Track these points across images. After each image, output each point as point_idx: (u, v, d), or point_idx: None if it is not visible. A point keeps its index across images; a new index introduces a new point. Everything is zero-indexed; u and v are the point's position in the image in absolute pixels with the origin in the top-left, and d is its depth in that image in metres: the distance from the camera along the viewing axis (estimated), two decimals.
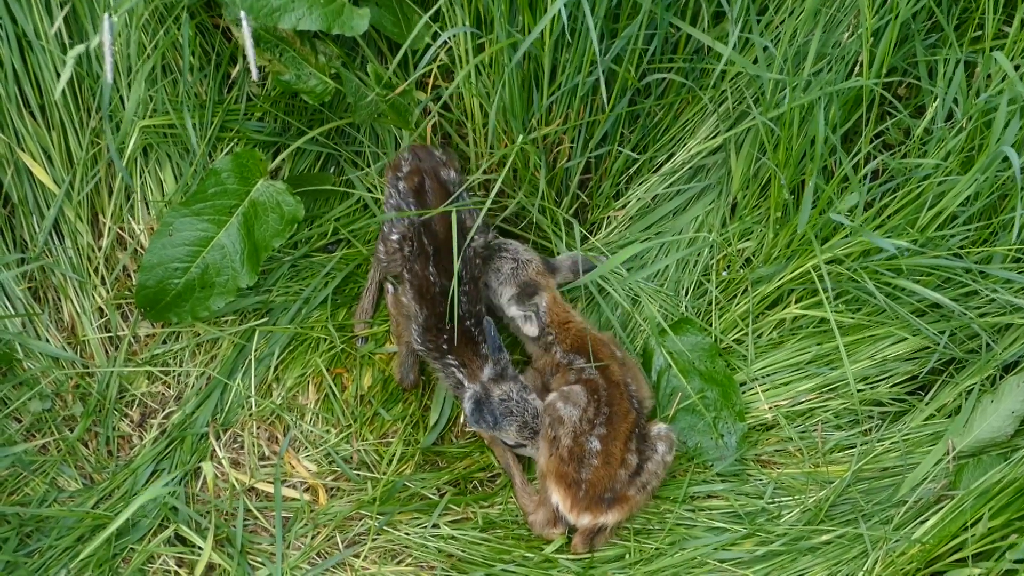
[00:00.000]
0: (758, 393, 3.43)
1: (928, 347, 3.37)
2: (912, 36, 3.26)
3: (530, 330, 3.26)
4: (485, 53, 3.04)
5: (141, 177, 3.38)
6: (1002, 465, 3.12)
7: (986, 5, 3.15)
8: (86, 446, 3.31)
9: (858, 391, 3.40)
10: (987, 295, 3.23)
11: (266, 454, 3.35)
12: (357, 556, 3.23)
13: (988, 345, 3.26)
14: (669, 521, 3.29)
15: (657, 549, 3.26)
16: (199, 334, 3.41)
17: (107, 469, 3.27)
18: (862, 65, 3.13)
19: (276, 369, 3.43)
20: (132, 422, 3.36)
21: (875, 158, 3.35)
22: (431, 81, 3.34)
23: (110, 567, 3.10)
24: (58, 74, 3.22)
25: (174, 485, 3.22)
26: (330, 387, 3.41)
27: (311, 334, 3.45)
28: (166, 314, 3.27)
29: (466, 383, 3.12)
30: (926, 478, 3.25)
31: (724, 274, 3.51)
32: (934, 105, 3.25)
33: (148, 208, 3.39)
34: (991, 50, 3.15)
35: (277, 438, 3.37)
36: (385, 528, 3.26)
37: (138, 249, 3.40)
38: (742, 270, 3.48)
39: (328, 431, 3.39)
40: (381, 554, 3.25)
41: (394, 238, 3.17)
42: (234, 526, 3.18)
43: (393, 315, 3.32)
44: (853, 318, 3.36)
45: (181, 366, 3.41)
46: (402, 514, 3.29)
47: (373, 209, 3.54)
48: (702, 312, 3.51)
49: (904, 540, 3.06)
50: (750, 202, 3.47)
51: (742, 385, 3.43)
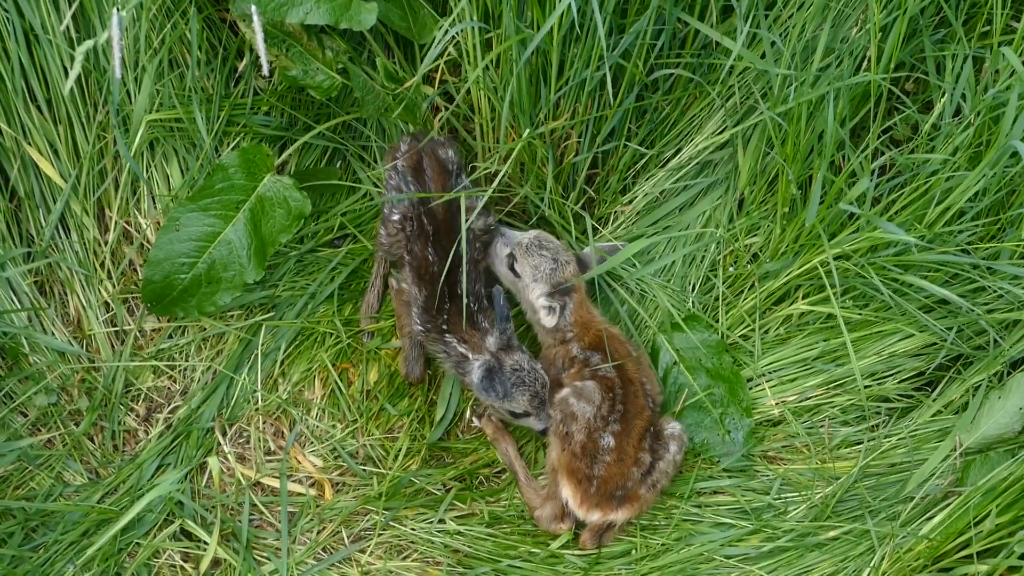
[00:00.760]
0: (765, 389, 3.42)
1: (935, 343, 3.36)
2: (920, 31, 3.26)
3: (548, 321, 3.23)
4: (495, 51, 3.02)
5: (148, 171, 3.37)
6: (1009, 462, 3.11)
7: (994, 0, 3.14)
8: (92, 440, 3.31)
9: (865, 387, 3.39)
10: (995, 291, 3.23)
11: (272, 449, 3.35)
12: (363, 551, 3.23)
13: (996, 341, 3.25)
14: (675, 517, 3.29)
15: (663, 545, 3.26)
16: (205, 329, 3.41)
17: (113, 463, 3.27)
18: (870, 60, 3.13)
19: (282, 364, 3.42)
20: (138, 416, 3.35)
21: (883, 154, 3.35)
22: (438, 76, 3.33)
23: (115, 562, 3.10)
24: (65, 68, 3.22)
25: (180, 480, 3.22)
26: (336, 382, 3.41)
27: (317, 329, 3.45)
28: (172, 309, 3.26)
29: (471, 355, 3.11)
30: (933, 474, 3.24)
31: (731, 269, 3.50)
32: (942, 100, 3.24)
33: (155, 202, 3.39)
34: (999, 45, 3.14)
35: (283, 433, 3.37)
36: (391, 523, 3.26)
37: (144, 243, 3.39)
38: (749, 266, 3.47)
39: (334, 426, 3.39)
40: (387, 549, 3.24)
41: (395, 218, 3.18)
42: (240, 521, 3.18)
43: (396, 307, 3.32)
44: (860, 314, 3.35)
45: (187, 360, 3.40)
46: (408, 509, 3.29)
47: (380, 204, 3.53)
48: (709, 308, 3.50)
49: (911, 536, 3.05)
50: (757, 197, 3.46)
51: (749, 381, 3.42)
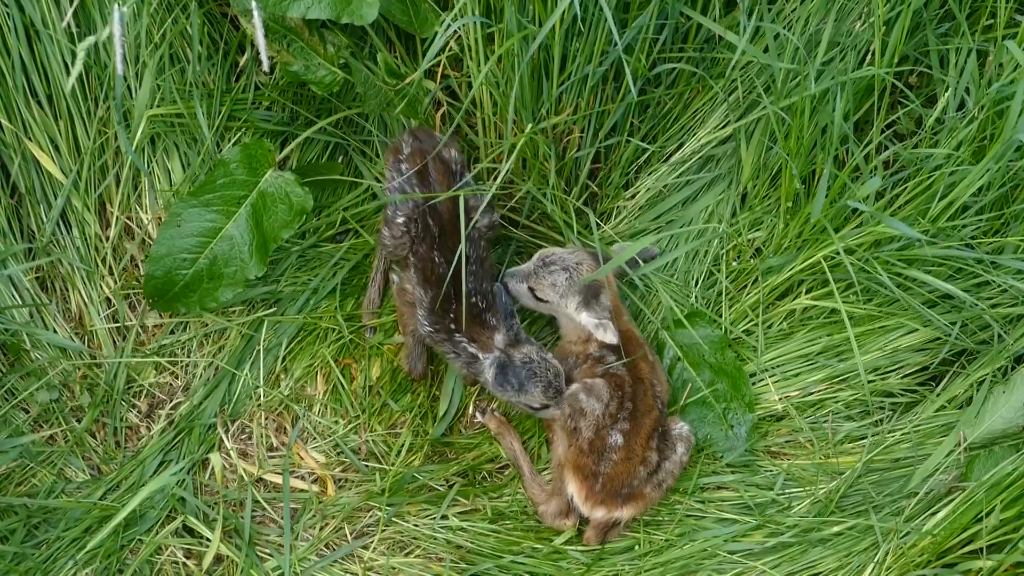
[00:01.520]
0: (768, 384, 3.41)
1: (939, 338, 3.35)
2: (924, 25, 3.24)
3: (610, 338, 3.17)
4: (501, 49, 3.00)
5: (149, 167, 3.36)
6: (1014, 457, 3.10)
7: None
8: (94, 437, 3.30)
9: (869, 382, 3.38)
10: (999, 286, 3.23)
11: (274, 445, 3.34)
12: (366, 548, 3.23)
13: (1000, 336, 3.24)
14: (679, 512, 3.28)
15: (667, 540, 3.25)
16: (207, 324, 3.40)
17: (115, 460, 3.26)
18: (874, 54, 3.12)
19: (284, 360, 3.42)
20: (140, 413, 3.35)
21: (886, 148, 3.34)
22: (440, 71, 3.32)
23: (118, 558, 3.10)
24: (66, 64, 3.21)
25: (182, 476, 3.21)
26: (338, 378, 3.40)
27: (319, 324, 3.44)
28: (174, 304, 3.26)
29: (481, 355, 3.09)
30: (937, 469, 3.23)
31: (734, 264, 3.50)
32: (946, 95, 3.22)
33: (156, 198, 3.38)
34: (1003, 39, 3.13)
35: (285, 429, 3.36)
36: (394, 519, 3.26)
37: (146, 239, 3.38)
38: (752, 260, 3.46)
39: (336, 422, 3.38)
40: (390, 545, 3.24)
41: (400, 220, 3.14)
42: (242, 517, 3.17)
43: (398, 305, 3.31)
44: (864, 309, 3.34)
45: (189, 356, 3.39)
46: (411, 505, 3.29)
47: (382, 199, 3.52)
48: (712, 303, 3.49)
49: (915, 532, 3.05)
50: (760, 192, 3.45)
51: (752, 376, 3.41)
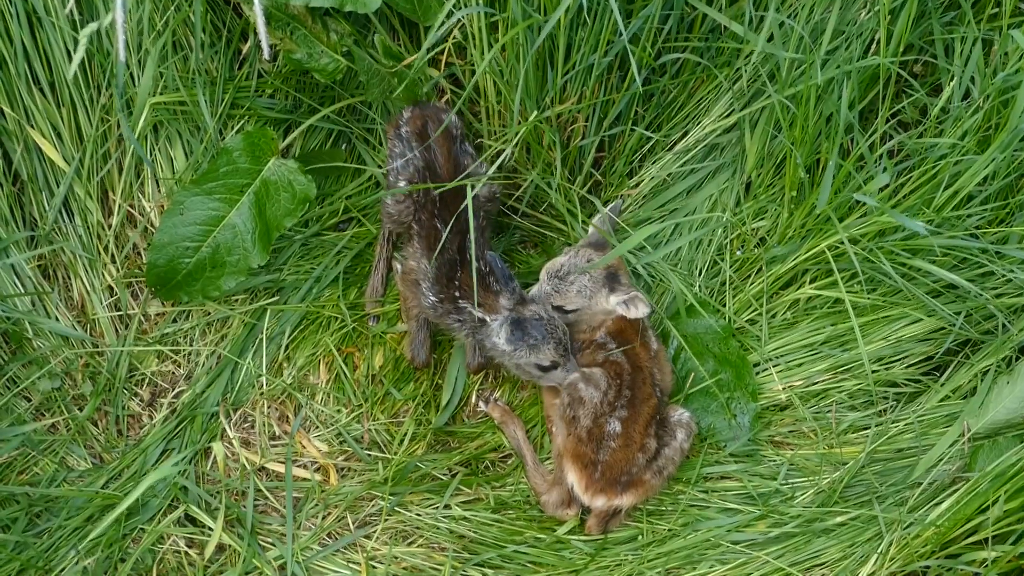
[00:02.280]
0: (772, 374, 3.40)
1: (944, 328, 3.35)
2: (929, 13, 3.23)
3: (643, 310, 3.15)
4: (506, 36, 3.00)
5: (152, 155, 3.35)
6: (1018, 447, 3.10)
7: None
8: (96, 425, 3.30)
9: (873, 372, 3.38)
10: (1003, 276, 3.22)
11: (277, 434, 3.34)
12: (368, 537, 3.22)
13: (1004, 326, 3.24)
14: (682, 502, 3.28)
15: (670, 530, 3.25)
16: (209, 313, 3.39)
17: (117, 449, 3.26)
18: (879, 43, 3.10)
19: (287, 348, 3.41)
20: (142, 401, 3.34)
21: (891, 137, 3.33)
22: (444, 58, 3.31)
23: (120, 547, 3.09)
24: (68, 51, 3.20)
25: (184, 465, 3.21)
26: (341, 367, 3.39)
27: (322, 313, 3.43)
28: (177, 293, 3.25)
29: (489, 317, 3.06)
30: (941, 460, 3.22)
31: (738, 253, 3.49)
32: (951, 84, 3.22)
33: (158, 186, 3.37)
34: (1008, 28, 3.12)
35: (288, 418, 3.36)
36: (396, 509, 3.25)
37: (148, 227, 3.38)
38: (756, 250, 3.46)
39: (339, 411, 3.37)
40: (392, 535, 3.23)
41: (401, 184, 3.16)
42: (244, 506, 3.17)
43: (402, 292, 3.30)
44: (868, 298, 3.33)
45: (191, 345, 3.39)
46: (413, 495, 3.28)
47: (384, 187, 3.51)
48: (716, 292, 3.48)
49: (919, 523, 3.04)
50: (764, 181, 3.44)
51: (756, 366, 3.41)
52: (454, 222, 3.04)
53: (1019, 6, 3.25)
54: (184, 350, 3.38)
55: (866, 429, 3.36)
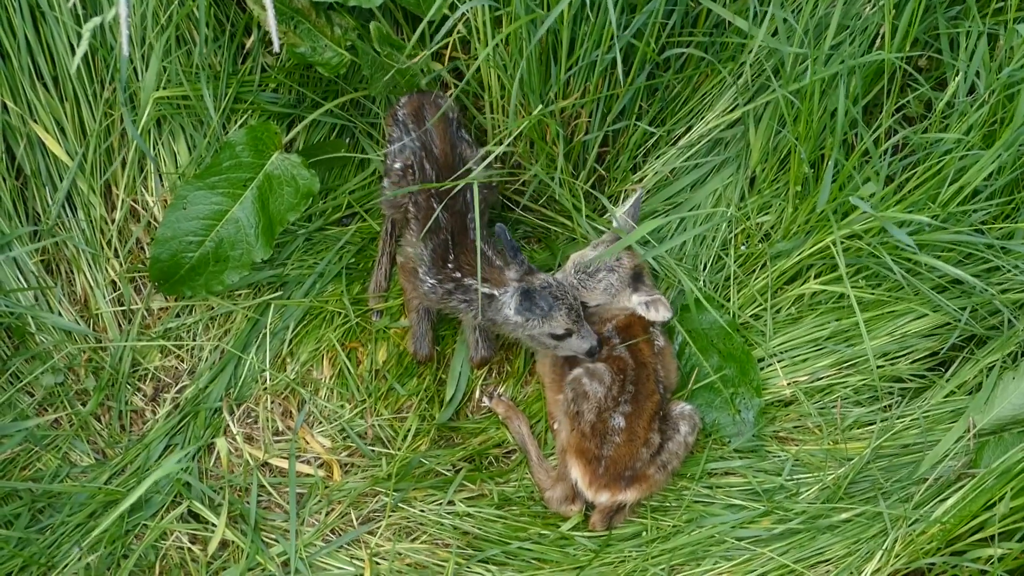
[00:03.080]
0: (776, 369, 3.39)
1: (949, 323, 3.34)
2: (934, 8, 3.23)
3: (664, 314, 3.16)
4: (508, 29, 2.99)
5: (155, 149, 3.35)
6: None
7: None
8: (99, 420, 3.29)
9: (878, 367, 3.37)
10: (1009, 271, 3.20)
11: (280, 429, 3.33)
12: (372, 533, 3.21)
13: (1010, 321, 3.23)
14: (686, 498, 3.27)
15: (674, 526, 3.24)
16: (213, 308, 3.38)
17: (120, 444, 3.25)
18: (883, 37, 3.10)
19: (290, 343, 3.40)
20: (145, 396, 3.33)
21: (896, 132, 3.32)
22: (448, 52, 3.30)
23: (123, 544, 3.09)
24: (71, 45, 3.20)
25: (187, 460, 3.20)
26: (344, 362, 3.38)
27: (326, 308, 3.42)
28: (180, 287, 3.24)
29: (497, 291, 3.03)
30: (946, 456, 3.22)
31: (743, 248, 3.48)
32: (956, 79, 3.21)
33: (162, 180, 3.36)
34: (1014, 22, 3.12)
35: (291, 413, 3.35)
36: (400, 505, 3.24)
37: (152, 222, 3.37)
38: (760, 245, 3.45)
39: (342, 406, 3.36)
40: (396, 531, 3.22)
41: (397, 167, 3.18)
42: (248, 502, 3.16)
43: (405, 285, 3.29)
44: (873, 294, 3.33)
45: (194, 340, 3.38)
46: (417, 491, 3.27)
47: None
48: (720, 287, 3.47)
49: (924, 519, 3.03)
50: (769, 176, 3.43)
51: (760, 361, 3.40)
52: (450, 203, 3.06)
53: None
54: (187, 345, 3.37)
55: (871, 425, 3.36)
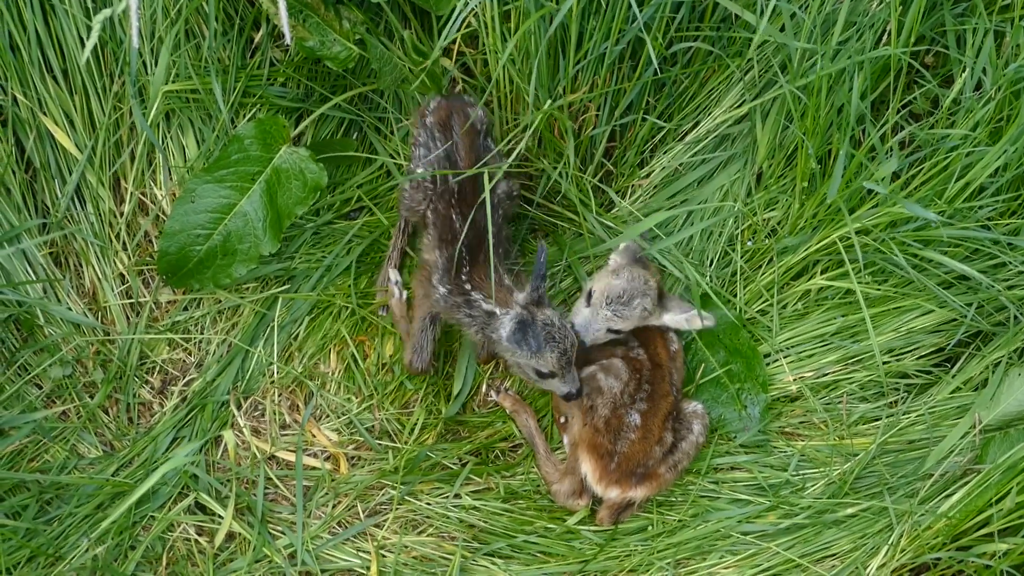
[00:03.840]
0: (783, 365, 3.40)
1: (955, 319, 3.34)
2: (940, 4, 3.24)
3: (707, 323, 3.15)
4: (520, 32, 2.99)
5: (163, 143, 3.36)
6: None
7: None
8: (106, 413, 3.30)
9: (884, 363, 3.37)
10: (1015, 267, 3.21)
11: (287, 422, 3.33)
12: (378, 526, 3.22)
13: (1016, 318, 3.24)
14: (692, 493, 3.27)
15: (680, 521, 3.24)
16: (220, 301, 3.39)
17: (127, 436, 3.26)
18: (890, 34, 3.10)
19: (298, 337, 3.41)
20: (153, 389, 3.34)
21: (902, 128, 3.33)
22: (456, 47, 3.31)
23: (130, 535, 3.09)
24: (81, 38, 3.21)
25: (194, 453, 3.20)
26: (352, 355, 3.39)
27: (334, 302, 3.42)
28: (188, 281, 3.25)
29: (499, 311, 2.99)
30: (952, 451, 3.22)
31: (749, 244, 3.48)
32: (963, 75, 3.22)
33: (170, 174, 3.37)
34: (1020, 19, 3.12)
35: (298, 406, 3.35)
36: (406, 498, 3.24)
37: (160, 215, 3.38)
38: (767, 240, 3.45)
39: (349, 399, 3.37)
40: (402, 524, 3.23)
41: (420, 171, 3.16)
42: (254, 495, 3.17)
43: (416, 289, 3.24)
44: (879, 289, 3.33)
45: (202, 333, 3.39)
46: (423, 484, 3.27)
47: (396, 176, 3.51)
48: (727, 282, 3.48)
49: (930, 514, 3.04)
50: (776, 171, 3.44)
51: (766, 356, 3.40)
52: (469, 212, 3.02)
53: None
54: (195, 338, 3.38)
55: (877, 420, 3.36)
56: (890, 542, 3.05)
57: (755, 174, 3.50)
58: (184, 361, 3.38)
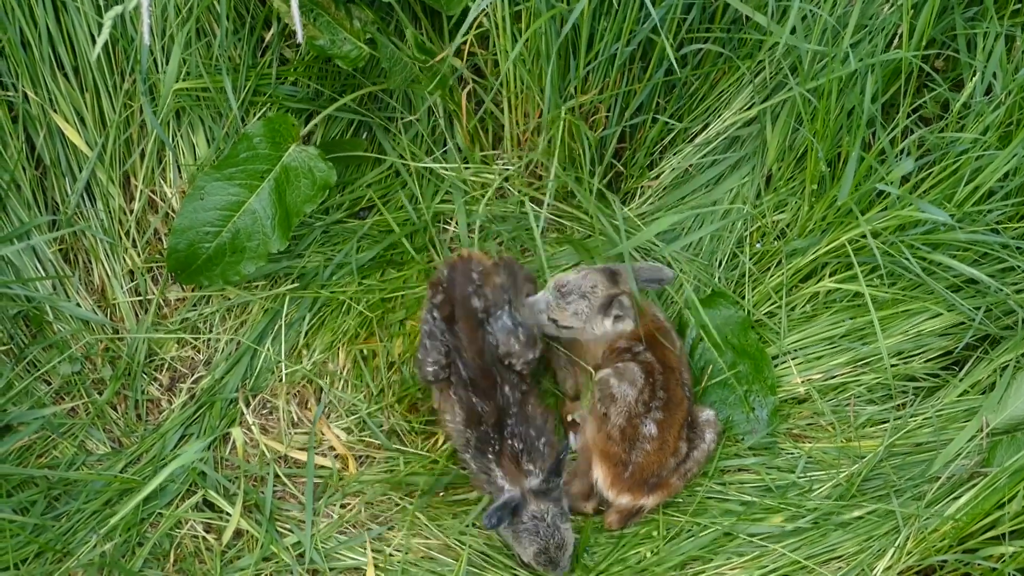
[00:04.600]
0: (791, 367, 3.40)
1: (963, 323, 3.34)
2: (952, 8, 3.24)
3: (628, 325, 3.17)
4: (530, 30, 3.00)
5: (174, 141, 3.36)
6: None
7: None
8: (115, 410, 3.30)
9: (892, 366, 3.37)
10: None
11: (296, 420, 3.33)
12: (386, 526, 3.20)
13: None
14: (699, 494, 3.27)
15: (687, 523, 3.23)
16: (229, 299, 3.39)
17: (136, 433, 3.26)
18: (901, 37, 3.11)
19: (306, 335, 3.41)
20: (161, 386, 3.35)
21: (912, 132, 3.33)
22: (467, 48, 3.31)
23: (138, 531, 3.09)
24: (92, 35, 3.21)
25: (203, 450, 3.20)
26: (360, 354, 3.39)
27: (342, 300, 3.42)
28: (197, 278, 3.26)
29: (506, 487, 2.99)
30: (959, 454, 3.21)
31: (758, 246, 3.49)
32: (973, 79, 3.22)
33: (180, 172, 3.38)
34: None
35: (307, 404, 3.35)
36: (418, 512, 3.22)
37: (169, 212, 3.38)
38: (776, 242, 3.45)
39: (357, 398, 3.37)
40: (410, 525, 3.22)
41: (429, 369, 3.10)
42: (262, 492, 3.16)
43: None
44: (888, 292, 3.33)
45: (211, 331, 3.39)
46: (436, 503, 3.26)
47: (404, 177, 3.52)
48: (735, 284, 3.48)
49: (936, 517, 3.03)
50: (785, 174, 3.44)
51: (774, 359, 3.40)
52: (486, 397, 3.02)
53: None
54: (204, 336, 3.38)
55: (884, 423, 3.36)
56: (896, 544, 3.05)
57: (765, 176, 3.50)
58: (193, 358, 3.39)
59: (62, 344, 3.27)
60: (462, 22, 2.96)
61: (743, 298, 3.45)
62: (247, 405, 3.31)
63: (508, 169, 3.46)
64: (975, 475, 3.18)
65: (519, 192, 3.49)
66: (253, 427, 3.28)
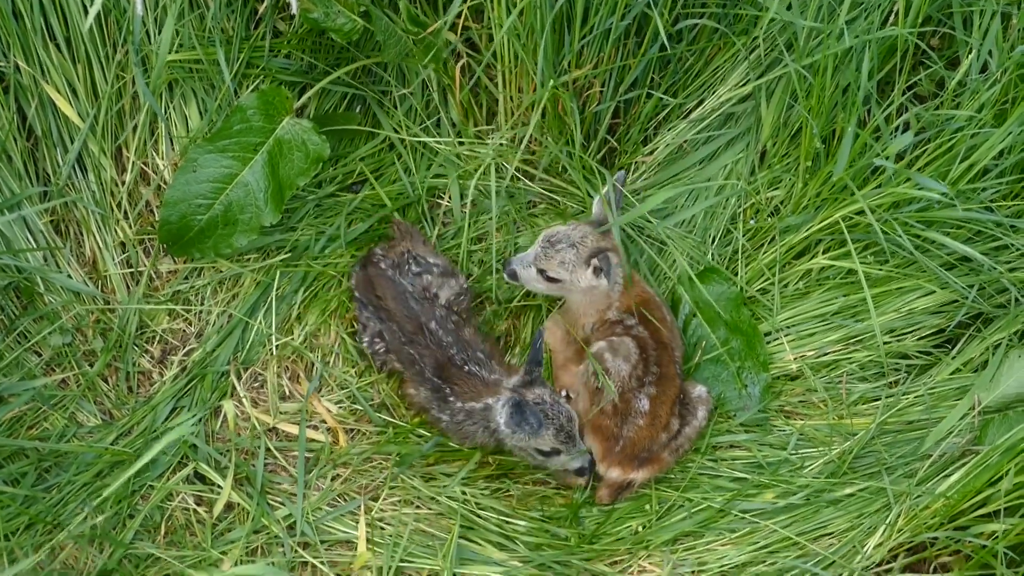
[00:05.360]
0: (783, 343, 3.40)
1: (956, 300, 3.35)
2: None
3: (603, 283, 3.18)
4: (524, 1, 2.98)
5: (166, 112, 3.35)
6: None
7: None
8: (106, 382, 3.29)
9: (884, 343, 3.37)
10: (1018, 249, 3.22)
11: (287, 393, 3.33)
12: (375, 499, 3.20)
13: (1017, 300, 3.24)
14: (691, 471, 3.27)
15: (679, 498, 3.23)
16: (221, 271, 3.38)
17: (127, 405, 3.25)
18: (897, 14, 3.10)
19: (298, 308, 3.40)
20: (152, 358, 3.34)
21: (907, 109, 3.33)
22: (461, 22, 3.30)
23: (128, 504, 3.08)
24: (84, 6, 3.19)
25: (194, 423, 3.20)
26: (352, 326, 3.38)
27: (334, 273, 3.41)
28: (188, 250, 3.24)
29: (491, 401, 3.02)
30: (951, 432, 3.22)
31: (752, 223, 3.48)
32: (969, 57, 3.22)
33: (172, 144, 3.36)
34: None
35: (298, 377, 3.35)
36: (403, 477, 3.23)
37: (161, 184, 3.37)
38: (770, 219, 3.45)
39: (347, 371, 3.36)
40: (401, 497, 3.22)
41: (366, 343, 3.26)
42: (254, 465, 3.16)
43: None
44: (881, 270, 3.33)
45: (202, 303, 3.38)
46: (428, 466, 3.27)
47: (399, 149, 3.51)
48: (728, 260, 3.48)
49: (928, 494, 3.04)
50: (780, 151, 3.44)
51: (767, 335, 3.41)
52: (423, 342, 3.13)
53: None
54: (195, 308, 3.37)
55: (876, 400, 3.36)
56: (887, 521, 3.05)
57: (759, 153, 3.50)
58: (184, 331, 3.38)
59: (53, 315, 3.26)
60: None
61: (736, 274, 3.45)
62: (238, 378, 3.31)
63: (501, 144, 3.45)
64: (967, 453, 3.18)
65: (512, 168, 3.48)
66: (244, 400, 3.28)
